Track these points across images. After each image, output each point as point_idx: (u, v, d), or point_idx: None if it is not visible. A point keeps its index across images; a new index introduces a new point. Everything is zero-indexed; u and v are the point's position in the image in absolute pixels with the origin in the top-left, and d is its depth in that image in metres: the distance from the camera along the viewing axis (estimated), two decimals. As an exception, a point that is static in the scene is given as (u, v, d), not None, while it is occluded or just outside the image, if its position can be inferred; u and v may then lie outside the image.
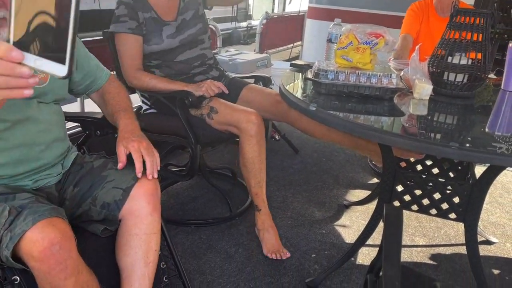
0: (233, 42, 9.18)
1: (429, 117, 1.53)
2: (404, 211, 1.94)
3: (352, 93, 1.56)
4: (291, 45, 4.84)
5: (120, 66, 1.98)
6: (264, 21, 4.58)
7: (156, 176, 1.25)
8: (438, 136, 1.34)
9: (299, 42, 5.16)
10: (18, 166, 1.20)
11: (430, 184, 1.74)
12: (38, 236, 0.99)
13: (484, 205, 2.55)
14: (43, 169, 1.27)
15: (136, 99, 2.22)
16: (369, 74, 1.54)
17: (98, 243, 1.29)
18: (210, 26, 3.75)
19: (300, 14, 5.00)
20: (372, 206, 2.23)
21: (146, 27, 1.92)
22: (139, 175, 1.22)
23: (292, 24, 5.08)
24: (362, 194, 2.55)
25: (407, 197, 1.76)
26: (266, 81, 2.28)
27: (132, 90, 2.16)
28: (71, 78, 1.38)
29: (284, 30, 4.98)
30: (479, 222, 2.34)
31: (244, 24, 9.70)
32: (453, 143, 1.18)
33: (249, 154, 1.88)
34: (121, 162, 1.24)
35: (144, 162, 1.24)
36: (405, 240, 2.15)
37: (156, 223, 1.29)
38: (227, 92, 1.99)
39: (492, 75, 2.12)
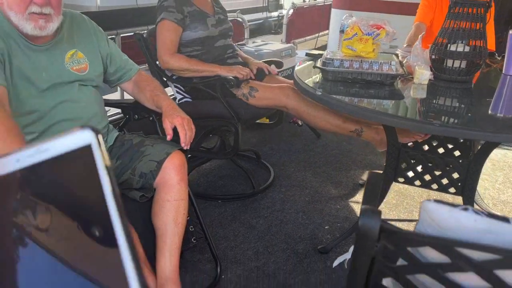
0: (264, 32, 9.32)
1: (427, 100, 1.70)
2: (409, 188, 2.11)
3: (356, 79, 1.75)
4: (317, 34, 4.98)
5: (158, 50, 2.21)
6: (291, 11, 4.75)
7: (189, 147, 1.51)
8: (427, 116, 1.52)
9: (326, 31, 5.30)
10: None
11: (432, 162, 1.91)
12: None
13: (497, 184, 2.70)
14: None
15: (168, 92, 2.48)
16: (371, 61, 1.72)
17: (137, 208, 1.56)
18: (238, 18, 3.97)
19: (326, 3, 5.13)
20: (384, 184, 2.40)
21: (190, 19, 2.21)
22: (183, 144, 1.48)
23: (319, 13, 5.22)
24: (377, 174, 2.72)
25: (410, 174, 1.94)
26: (277, 64, 2.51)
27: (165, 84, 2.41)
28: (106, 70, 1.64)
29: (311, 19, 5.13)
30: (489, 201, 2.49)
31: (275, 14, 9.81)
32: (436, 121, 1.36)
33: (302, 108, 2.11)
34: (169, 134, 1.48)
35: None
36: (405, 215, 2.31)
37: (183, 191, 1.54)
38: (254, 78, 2.28)
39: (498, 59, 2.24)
